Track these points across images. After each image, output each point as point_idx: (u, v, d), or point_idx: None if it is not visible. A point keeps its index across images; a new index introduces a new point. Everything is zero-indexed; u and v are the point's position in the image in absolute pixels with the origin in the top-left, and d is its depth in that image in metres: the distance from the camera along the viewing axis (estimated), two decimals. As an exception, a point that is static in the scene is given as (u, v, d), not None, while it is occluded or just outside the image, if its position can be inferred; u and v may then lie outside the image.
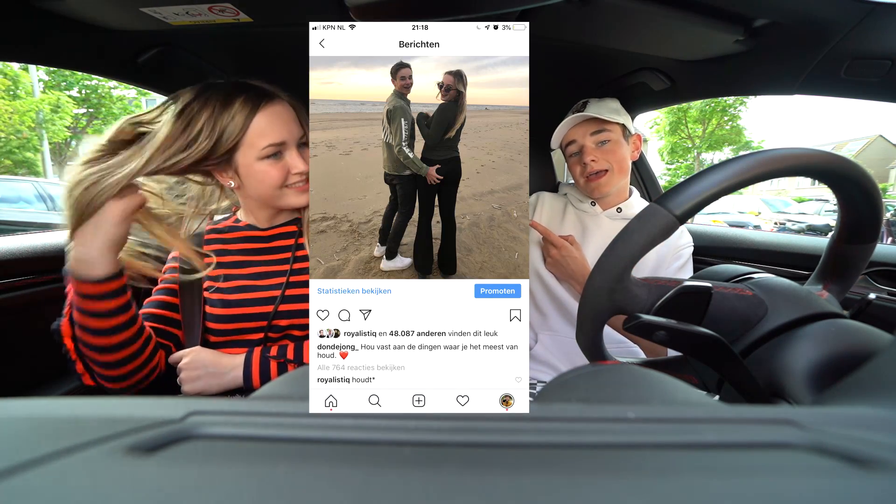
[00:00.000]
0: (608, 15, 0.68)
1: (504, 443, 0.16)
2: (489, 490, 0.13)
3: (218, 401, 0.19)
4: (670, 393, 0.26)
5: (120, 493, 0.12)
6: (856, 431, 0.17)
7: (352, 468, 0.14)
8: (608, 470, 0.14)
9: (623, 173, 0.91)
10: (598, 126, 0.88)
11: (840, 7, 0.57)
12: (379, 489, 0.13)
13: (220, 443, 0.16)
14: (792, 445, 0.16)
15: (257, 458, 0.15)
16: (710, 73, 0.85)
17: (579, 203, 0.98)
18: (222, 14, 0.66)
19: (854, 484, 0.13)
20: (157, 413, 0.17)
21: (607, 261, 0.40)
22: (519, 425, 0.17)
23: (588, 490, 0.13)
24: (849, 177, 0.38)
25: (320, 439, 0.16)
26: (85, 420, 0.17)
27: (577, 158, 0.92)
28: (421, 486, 0.13)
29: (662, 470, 0.14)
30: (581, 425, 0.17)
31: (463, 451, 0.15)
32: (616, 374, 0.29)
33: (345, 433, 0.17)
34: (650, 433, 0.17)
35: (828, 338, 0.35)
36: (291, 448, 0.16)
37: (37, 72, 9.08)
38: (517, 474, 0.14)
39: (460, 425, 0.17)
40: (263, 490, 0.12)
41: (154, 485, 0.13)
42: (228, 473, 0.13)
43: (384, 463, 0.14)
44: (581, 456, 0.15)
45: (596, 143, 0.89)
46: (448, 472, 0.14)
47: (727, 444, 0.16)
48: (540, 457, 0.15)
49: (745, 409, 0.19)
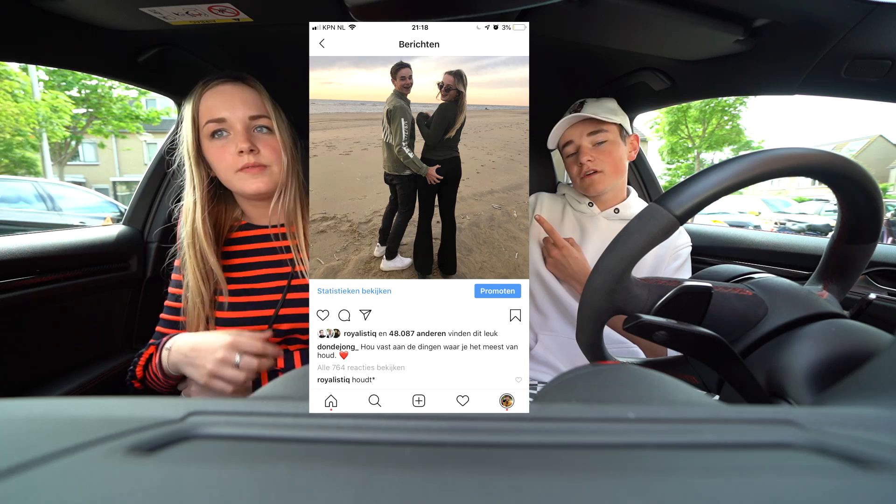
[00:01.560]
0: (608, 15, 0.68)
1: (504, 443, 0.16)
2: (489, 490, 0.13)
3: (218, 401, 0.19)
4: (670, 393, 0.26)
5: (120, 493, 0.12)
6: (856, 431, 0.17)
7: (352, 468, 0.14)
8: (608, 470, 0.14)
9: (619, 173, 0.91)
10: (595, 126, 0.88)
11: (840, 7, 0.57)
12: (379, 489, 0.13)
13: (220, 443, 0.16)
14: (792, 445, 0.16)
15: (257, 458, 0.15)
16: (710, 73, 0.85)
17: (577, 204, 0.98)
18: (222, 14, 0.66)
19: (854, 484, 0.13)
20: (157, 413, 0.17)
21: (607, 261, 0.40)
22: (519, 425, 0.17)
23: (588, 490, 0.13)
24: (849, 177, 0.38)
25: (320, 439, 0.16)
26: (85, 420, 0.17)
27: (574, 158, 0.92)
28: (421, 486, 0.13)
29: (662, 470, 0.14)
30: (581, 425, 0.17)
31: (463, 451, 0.15)
32: (616, 374, 0.29)
33: (345, 433, 0.17)
34: (650, 433, 0.17)
35: (828, 338, 0.35)
36: (291, 448, 0.16)
37: (37, 72, 9.10)
38: (517, 474, 0.14)
39: (460, 425, 0.17)
40: (263, 490, 0.12)
41: (154, 485, 0.13)
42: (228, 473, 0.13)
43: (384, 463, 0.14)
44: (581, 456, 0.15)
45: (593, 144, 0.89)
46: (448, 472, 0.14)
47: (727, 444, 0.16)
48: (540, 457, 0.15)
49: (745, 409, 0.19)
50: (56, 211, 5.55)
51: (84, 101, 10.12)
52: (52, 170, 10.03)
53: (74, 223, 5.42)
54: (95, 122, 10.42)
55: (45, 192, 5.55)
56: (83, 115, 10.52)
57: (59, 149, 10.82)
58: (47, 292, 0.85)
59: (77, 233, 0.97)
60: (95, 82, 9.70)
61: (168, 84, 0.96)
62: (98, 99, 10.03)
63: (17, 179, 5.92)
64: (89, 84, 9.76)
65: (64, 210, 5.63)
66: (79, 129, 10.65)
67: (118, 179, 15.53)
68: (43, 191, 5.56)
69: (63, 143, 10.74)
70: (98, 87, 9.89)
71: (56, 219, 5.45)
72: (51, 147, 10.14)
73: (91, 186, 11.84)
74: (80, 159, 17.27)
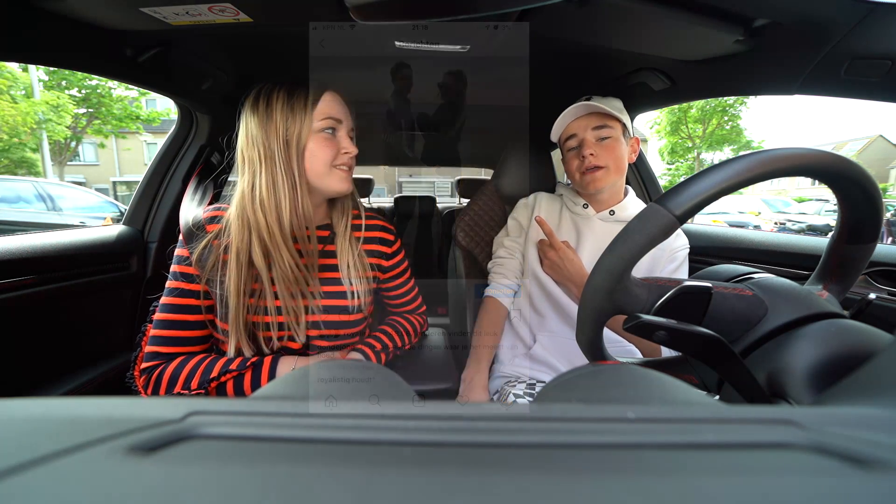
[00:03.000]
0: (608, 15, 0.68)
1: (504, 443, 0.16)
2: (489, 490, 0.13)
3: (218, 401, 0.19)
4: (670, 393, 0.26)
5: (120, 493, 0.12)
6: (856, 431, 0.17)
7: (352, 468, 0.14)
8: (608, 470, 0.14)
9: (619, 172, 0.90)
10: (601, 121, 0.88)
11: (840, 7, 0.57)
12: (379, 489, 0.13)
13: (220, 443, 0.16)
14: (792, 445, 0.16)
15: (257, 458, 0.15)
16: (710, 73, 0.85)
17: (573, 205, 0.97)
18: (222, 14, 0.66)
19: (854, 484, 0.13)
20: (157, 413, 0.17)
21: (607, 261, 0.40)
22: (519, 425, 0.17)
23: (588, 490, 0.13)
24: (849, 177, 0.38)
25: (320, 439, 0.16)
26: (85, 420, 0.17)
27: (576, 153, 0.91)
28: (421, 486, 0.13)
29: (662, 470, 0.14)
30: (581, 425, 0.17)
31: (463, 451, 0.15)
32: (616, 374, 0.29)
33: (345, 433, 0.17)
34: (650, 433, 0.17)
35: (828, 338, 0.35)
36: (291, 448, 0.16)
37: (37, 72, 9.09)
38: (517, 474, 0.14)
39: (460, 425, 0.17)
40: (263, 490, 0.12)
41: (154, 485, 0.13)
42: (228, 473, 0.13)
43: (384, 463, 0.14)
44: (581, 456, 0.15)
45: (596, 139, 0.88)
46: (448, 472, 0.14)
47: (727, 444, 0.16)
48: (540, 457, 0.15)
49: (745, 409, 0.19)
50: (56, 211, 5.55)
51: (84, 101, 10.11)
52: (53, 170, 10.02)
53: (74, 223, 5.42)
54: (95, 123, 10.41)
55: (45, 192, 5.55)
56: (83, 115, 10.51)
57: (59, 149, 10.81)
58: (47, 292, 0.85)
59: (77, 233, 0.97)
60: (96, 82, 9.69)
61: (168, 84, 0.96)
62: (98, 99, 10.03)
63: (17, 179, 5.92)
64: (89, 84, 9.76)
65: (64, 210, 5.63)
66: (79, 129, 10.64)
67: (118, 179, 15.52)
68: (43, 191, 5.56)
69: (63, 144, 10.73)
70: (98, 87, 9.89)
71: (56, 219, 5.45)
72: (51, 147, 10.13)
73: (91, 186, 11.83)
74: (80, 159, 17.27)
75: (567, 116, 0.90)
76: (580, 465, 0.14)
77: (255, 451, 0.15)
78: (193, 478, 0.13)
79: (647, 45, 0.80)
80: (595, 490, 0.13)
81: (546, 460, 0.15)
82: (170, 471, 0.13)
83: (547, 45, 0.84)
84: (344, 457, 0.15)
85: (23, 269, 0.81)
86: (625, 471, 0.14)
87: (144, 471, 0.13)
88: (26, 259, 0.81)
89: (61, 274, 0.88)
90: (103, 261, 0.99)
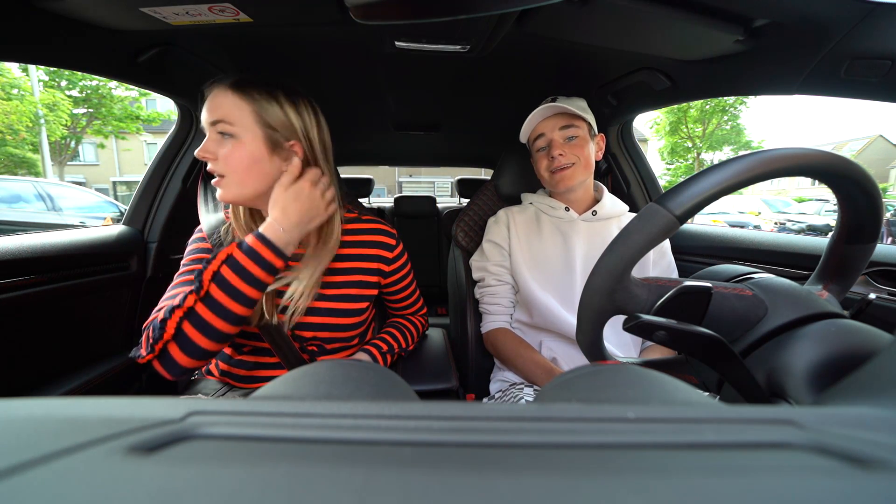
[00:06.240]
0: (608, 15, 0.68)
1: (504, 443, 0.16)
2: (489, 490, 0.13)
3: (218, 401, 0.19)
4: (670, 393, 0.26)
5: (120, 493, 0.12)
6: (856, 431, 0.17)
7: (352, 468, 0.14)
8: (608, 470, 0.14)
9: (588, 169, 0.92)
10: (567, 121, 0.90)
11: (840, 7, 0.57)
12: (379, 489, 0.13)
13: (220, 443, 0.16)
14: (792, 445, 0.16)
15: (257, 458, 0.15)
16: (710, 73, 0.85)
17: (552, 210, 0.96)
18: (222, 14, 0.66)
19: (854, 484, 0.13)
20: (157, 413, 0.17)
21: (607, 261, 0.40)
22: (519, 425, 0.17)
23: (588, 490, 0.13)
24: (849, 177, 0.38)
25: (320, 439, 0.16)
26: (85, 420, 0.17)
27: (545, 153, 0.93)
28: (421, 486, 0.13)
29: (662, 470, 0.14)
30: (581, 425, 0.17)
31: (463, 451, 0.15)
32: (616, 374, 0.29)
33: (345, 433, 0.17)
34: (650, 433, 0.17)
35: (828, 338, 0.35)
36: (292, 448, 0.15)
37: (37, 72, 9.07)
38: (517, 474, 0.14)
39: (460, 425, 0.17)
40: (263, 490, 0.12)
41: (154, 485, 0.13)
42: (228, 473, 0.13)
43: (384, 463, 0.14)
44: (581, 456, 0.15)
45: (564, 138, 0.91)
46: (448, 472, 0.14)
47: (727, 444, 0.16)
48: (540, 457, 0.15)
49: (745, 409, 0.19)
50: (56, 211, 5.55)
51: (85, 102, 10.10)
52: (53, 170, 10.01)
53: (74, 223, 5.42)
54: (95, 123, 10.40)
55: (44, 192, 5.55)
56: (83, 116, 10.50)
57: (59, 149, 10.80)
58: (47, 292, 0.85)
59: (77, 233, 0.97)
60: (96, 82, 9.67)
61: (168, 84, 0.96)
62: (99, 99, 10.02)
63: (16, 179, 5.92)
64: (90, 84, 9.75)
65: (64, 210, 5.63)
66: (78, 130, 10.63)
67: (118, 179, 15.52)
68: (43, 191, 5.56)
69: (63, 144, 10.72)
70: (99, 87, 9.88)
71: (56, 219, 5.45)
72: (51, 147, 10.11)
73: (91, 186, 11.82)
74: (80, 159, 17.28)
75: (534, 118, 0.93)
76: (580, 465, 0.14)
77: (255, 451, 0.15)
78: (193, 478, 0.13)
79: (647, 45, 0.80)
80: (595, 490, 0.13)
81: (546, 460, 0.15)
82: (170, 471, 0.13)
83: (547, 45, 0.84)
84: (344, 457, 0.15)
85: (23, 269, 0.81)
86: (625, 471, 0.14)
87: (144, 471, 0.13)
88: (26, 259, 0.81)
89: (61, 274, 0.88)
90: (103, 261, 0.99)
